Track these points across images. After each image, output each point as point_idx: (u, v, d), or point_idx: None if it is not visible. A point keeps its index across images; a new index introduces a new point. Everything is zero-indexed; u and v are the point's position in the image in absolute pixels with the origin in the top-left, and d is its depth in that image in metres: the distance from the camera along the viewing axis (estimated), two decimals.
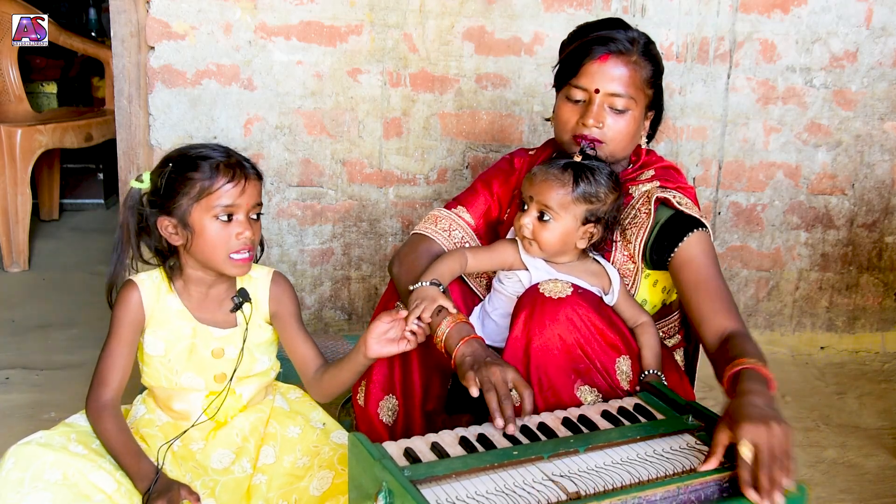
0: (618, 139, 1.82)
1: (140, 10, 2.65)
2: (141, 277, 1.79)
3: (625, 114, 1.80)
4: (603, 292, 1.78)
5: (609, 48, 1.78)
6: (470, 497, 1.27)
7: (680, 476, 1.34)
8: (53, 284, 3.54)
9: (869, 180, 2.99)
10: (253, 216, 1.73)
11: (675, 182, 1.88)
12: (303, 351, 1.87)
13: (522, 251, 1.80)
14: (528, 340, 1.63)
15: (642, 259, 1.84)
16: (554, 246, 1.75)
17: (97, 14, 5.51)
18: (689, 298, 1.75)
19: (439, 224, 1.95)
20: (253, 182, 1.72)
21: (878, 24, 2.85)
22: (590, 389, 1.63)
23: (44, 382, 2.63)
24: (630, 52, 1.80)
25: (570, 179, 1.73)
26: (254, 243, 1.74)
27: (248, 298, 1.81)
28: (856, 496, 2.20)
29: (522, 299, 1.68)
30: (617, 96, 1.79)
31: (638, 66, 1.81)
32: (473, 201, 1.99)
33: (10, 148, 3.57)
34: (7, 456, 1.57)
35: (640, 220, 1.83)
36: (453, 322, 1.67)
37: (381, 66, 2.75)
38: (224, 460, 1.78)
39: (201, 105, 2.71)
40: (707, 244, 1.79)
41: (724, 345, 1.65)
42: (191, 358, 1.78)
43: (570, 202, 1.73)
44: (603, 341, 1.64)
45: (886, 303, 3.11)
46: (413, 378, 1.84)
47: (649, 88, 1.84)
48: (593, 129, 1.79)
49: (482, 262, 1.83)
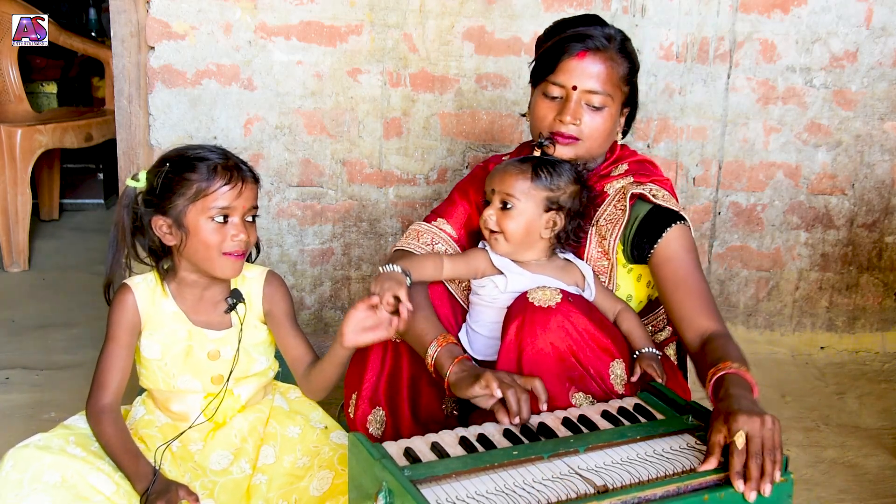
0: (594, 136, 1.82)
1: (140, 10, 2.64)
2: (136, 281, 1.79)
3: (601, 111, 1.80)
4: (578, 288, 1.79)
5: (587, 45, 1.78)
6: (470, 497, 1.27)
7: (680, 476, 1.35)
8: (53, 284, 3.54)
9: (869, 180, 2.99)
10: (248, 219, 1.73)
11: (650, 175, 1.88)
12: (295, 349, 1.87)
13: (491, 253, 1.80)
14: (521, 350, 1.62)
15: (623, 254, 1.84)
16: (518, 234, 1.76)
17: (97, 14, 5.51)
18: (668, 297, 1.77)
19: (421, 238, 1.94)
20: (249, 185, 1.73)
21: (878, 24, 2.85)
22: (584, 396, 1.63)
23: (44, 382, 2.63)
24: (607, 49, 1.80)
25: (528, 168, 1.76)
26: (248, 245, 1.75)
27: (241, 299, 1.81)
28: (856, 496, 2.20)
29: (512, 309, 1.67)
30: (594, 93, 1.79)
31: (615, 62, 1.81)
32: (452, 212, 1.98)
33: (10, 148, 3.57)
34: (5, 458, 1.57)
35: (615, 217, 1.83)
36: (444, 341, 1.68)
37: (381, 66, 2.75)
38: (223, 461, 1.78)
39: (201, 105, 2.71)
40: (686, 239, 1.79)
41: (706, 346, 1.67)
42: (187, 361, 1.78)
43: (529, 188, 1.75)
44: (596, 346, 1.64)
45: (886, 303, 3.11)
46: (400, 390, 1.82)
47: (625, 85, 1.84)
48: (570, 126, 1.80)
49: (458, 268, 1.83)
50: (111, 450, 1.68)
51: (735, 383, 1.49)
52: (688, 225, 1.81)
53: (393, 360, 1.83)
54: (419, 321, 1.74)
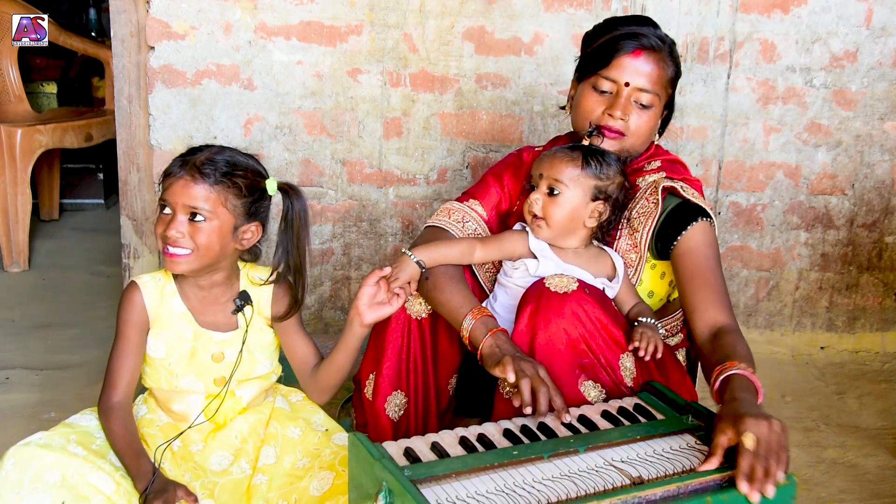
0: (638, 133, 1.86)
1: (140, 10, 2.65)
2: (144, 279, 1.79)
3: (648, 109, 1.85)
4: (608, 280, 1.79)
5: (641, 43, 1.83)
6: (470, 497, 1.27)
7: (680, 476, 1.34)
8: (53, 284, 3.54)
9: (869, 180, 2.99)
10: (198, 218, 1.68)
11: (680, 174, 1.92)
12: (302, 351, 1.87)
13: (531, 236, 1.81)
14: (534, 335, 1.64)
15: (648, 249, 1.85)
16: (563, 221, 1.77)
17: (97, 14, 5.51)
18: (684, 287, 1.78)
19: (452, 216, 1.97)
20: (200, 184, 1.68)
21: (878, 24, 2.85)
22: (593, 385, 1.63)
23: (44, 382, 2.63)
24: (661, 50, 1.85)
25: (579, 156, 1.78)
26: (191, 245, 1.69)
27: (249, 301, 1.81)
28: (856, 496, 2.20)
29: (528, 294, 1.68)
30: (644, 91, 1.84)
31: (665, 64, 1.86)
32: (485, 194, 2.01)
33: (10, 148, 3.56)
34: (6, 457, 1.57)
35: (647, 210, 1.85)
36: (479, 314, 1.70)
37: (381, 66, 2.75)
38: (223, 462, 1.78)
39: (201, 105, 2.71)
40: (710, 235, 1.81)
41: (716, 340, 1.67)
42: (191, 361, 1.78)
43: (579, 175, 1.76)
44: (608, 337, 1.65)
45: (886, 303, 3.11)
46: (424, 377, 1.85)
47: (670, 88, 1.90)
48: (619, 121, 1.84)
49: (491, 251, 1.85)
50: (116, 447, 1.69)
51: (741, 386, 1.49)
52: (713, 224, 1.83)
53: (413, 339, 1.85)
54: (453, 294, 1.78)
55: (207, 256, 1.71)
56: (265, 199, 1.80)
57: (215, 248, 1.71)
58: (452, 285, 1.79)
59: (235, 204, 1.72)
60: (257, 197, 1.77)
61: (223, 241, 1.72)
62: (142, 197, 2.75)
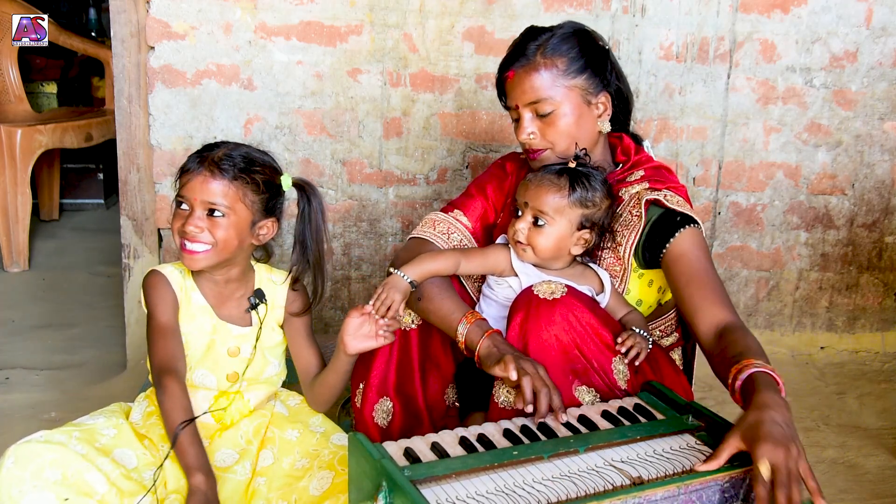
0: (559, 139, 1.83)
1: (140, 10, 2.65)
2: (167, 268, 1.82)
3: (552, 115, 1.81)
4: (594, 294, 1.78)
5: (513, 65, 1.84)
6: (470, 497, 1.27)
7: (680, 476, 1.34)
8: (53, 284, 3.54)
9: (869, 180, 2.99)
10: (217, 214, 1.71)
11: (665, 182, 1.87)
12: (306, 357, 1.90)
13: (514, 257, 1.80)
14: (525, 343, 1.63)
15: (635, 258, 1.84)
16: (548, 251, 1.76)
17: (97, 14, 5.52)
18: (681, 292, 1.75)
19: (437, 227, 1.96)
20: (219, 180, 1.70)
21: (878, 24, 2.85)
22: (587, 390, 1.63)
23: (44, 382, 2.63)
24: (531, 59, 1.81)
25: (566, 184, 1.74)
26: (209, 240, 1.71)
27: (264, 299, 1.83)
28: (856, 496, 2.20)
29: (517, 302, 1.68)
30: (534, 104, 1.82)
31: (544, 67, 1.80)
32: (470, 205, 2.00)
33: (10, 148, 3.57)
34: (7, 454, 1.57)
35: (631, 223, 1.82)
36: (472, 318, 1.71)
37: (381, 66, 2.75)
38: (228, 459, 1.79)
39: (201, 105, 2.71)
40: (699, 239, 1.79)
41: (723, 338, 1.64)
42: (208, 354, 1.79)
43: (565, 206, 1.74)
44: (599, 341, 1.64)
45: (886, 303, 3.11)
46: (410, 381, 1.84)
47: (573, 78, 1.82)
48: (532, 140, 1.83)
49: (474, 264, 1.83)
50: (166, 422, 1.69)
51: (767, 385, 1.46)
52: (700, 229, 1.81)
53: (402, 348, 1.85)
54: (444, 302, 1.77)
55: (226, 251, 1.74)
56: (280, 196, 1.83)
57: (233, 244, 1.74)
58: (442, 294, 1.79)
59: (253, 200, 1.75)
60: (273, 193, 1.79)
61: (241, 237, 1.75)
62: (142, 197, 2.75)
